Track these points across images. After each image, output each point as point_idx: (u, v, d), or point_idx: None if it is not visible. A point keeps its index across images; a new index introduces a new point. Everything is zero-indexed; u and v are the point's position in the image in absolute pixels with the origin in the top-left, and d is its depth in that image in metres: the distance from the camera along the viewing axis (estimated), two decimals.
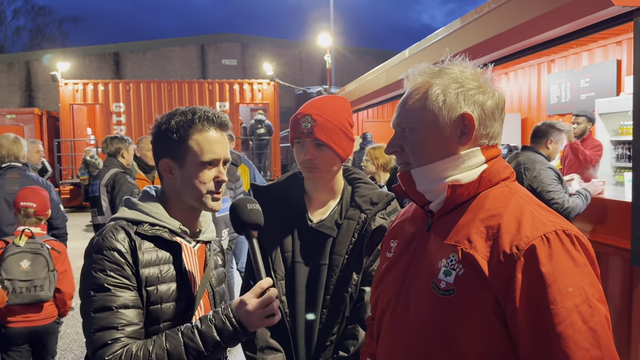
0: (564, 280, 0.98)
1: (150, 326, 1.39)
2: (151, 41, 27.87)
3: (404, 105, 1.23)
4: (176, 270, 1.45)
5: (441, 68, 1.22)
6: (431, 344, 1.10)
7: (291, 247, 1.74)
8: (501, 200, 1.13)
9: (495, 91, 1.20)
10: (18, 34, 47.18)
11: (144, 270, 1.38)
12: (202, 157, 1.44)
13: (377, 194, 1.78)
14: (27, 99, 25.07)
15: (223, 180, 1.48)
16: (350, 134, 1.73)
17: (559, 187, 3.87)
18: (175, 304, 1.43)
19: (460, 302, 1.06)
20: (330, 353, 1.69)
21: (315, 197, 1.80)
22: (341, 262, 1.69)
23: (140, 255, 1.39)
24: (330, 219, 1.76)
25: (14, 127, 16.46)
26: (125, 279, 1.36)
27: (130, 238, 1.40)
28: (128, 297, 1.35)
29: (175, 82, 17.13)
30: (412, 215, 1.34)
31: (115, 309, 1.33)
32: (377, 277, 1.37)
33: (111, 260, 1.36)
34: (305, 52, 28.05)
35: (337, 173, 1.78)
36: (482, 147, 1.18)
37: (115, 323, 1.31)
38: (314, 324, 1.70)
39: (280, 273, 1.72)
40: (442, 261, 1.11)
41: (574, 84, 8.05)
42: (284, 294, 1.72)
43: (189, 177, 1.45)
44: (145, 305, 1.38)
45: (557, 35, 5.75)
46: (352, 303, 1.69)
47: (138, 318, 1.35)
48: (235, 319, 1.34)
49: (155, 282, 1.40)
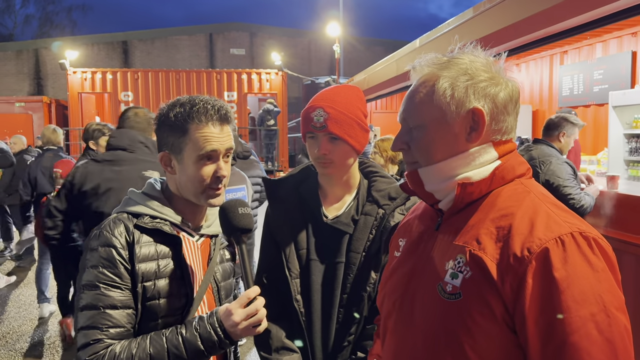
0: (579, 287, 0.91)
1: (149, 322, 1.36)
2: (160, 30, 27.81)
3: (410, 100, 1.15)
4: (176, 264, 1.40)
5: (450, 58, 1.13)
6: (437, 349, 1.04)
7: (306, 244, 1.68)
8: (514, 198, 1.05)
9: (509, 82, 1.11)
10: (27, 22, 47.35)
11: (140, 265, 1.34)
12: (200, 151, 1.39)
13: (395, 188, 1.71)
14: (35, 87, 25.17)
15: (223, 175, 1.42)
16: (365, 125, 1.66)
17: (575, 183, 3.80)
18: (175, 299, 1.38)
19: (466, 307, 0.99)
20: (348, 354, 1.64)
21: (330, 192, 1.73)
22: (358, 260, 1.63)
23: (137, 250, 1.35)
24: (346, 214, 1.69)
25: (23, 115, 16.56)
26: (117, 277, 1.32)
27: (128, 232, 1.37)
28: (117, 296, 1.31)
29: (183, 71, 17.10)
30: (421, 213, 1.27)
31: (102, 308, 1.30)
32: (384, 277, 1.31)
33: (105, 257, 1.33)
34: (314, 41, 27.91)
35: (352, 166, 1.71)
36: (494, 143, 1.10)
37: (99, 324, 1.29)
38: (331, 323, 1.65)
39: (295, 271, 1.67)
40: (450, 263, 1.05)
41: (587, 76, 7.94)
42: (299, 293, 1.66)
43: (187, 171, 1.41)
44: (142, 301, 1.34)
45: (571, 26, 5.65)
46: (370, 302, 1.63)
47: (126, 319, 1.32)
48: (221, 328, 1.31)
49: (153, 277, 1.36)
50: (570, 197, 3.68)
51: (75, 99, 16.42)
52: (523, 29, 6.15)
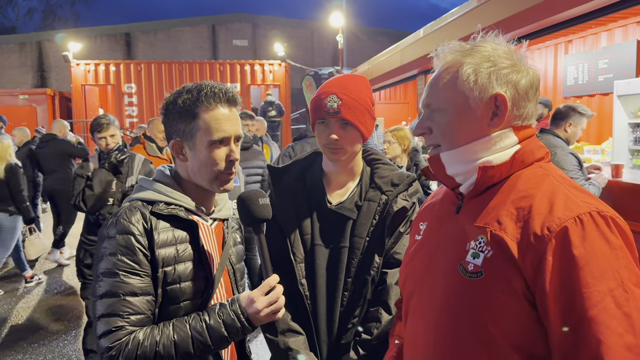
0: (598, 263, 0.94)
1: (170, 305, 1.37)
2: (162, 21, 27.72)
3: (433, 86, 1.18)
4: (194, 249, 1.42)
5: (473, 45, 1.16)
6: (458, 326, 1.08)
7: (310, 229, 1.71)
8: (534, 181, 1.09)
9: (529, 69, 1.15)
10: (30, 14, 47.25)
11: (160, 250, 1.36)
12: (212, 136, 1.39)
13: (398, 175, 1.74)
14: (39, 79, 25.17)
15: (235, 158, 1.43)
16: (373, 113, 1.70)
17: (580, 175, 3.80)
18: (195, 282, 1.40)
19: (488, 285, 1.03)
20: (352, 336, 1.68)
21: (334, 179, 1.76)
22: (362, 245, 1.66)
23: (156, 236, 1.36)
24: (349, 200, 1.72)
25: (27, 108, 16.59)
26: (136, 265, 1.33)
27: (145, 219, 1.37)
28: (137, 284, 1.32)
29: (186, 62, 17.09)
30: (442, 197, 1.30)
31: (123, 295, 1.30)
32: (405, 260, 1.35)
33: (123, 244, 1.33)
34: (317, 32, 27.79)
35: (357, 154, 1.75)
36: (514, 128, 1.14)
37: (120, 311, 1.29)
38: (335, 306, 1.68)
39: (300, 256, 1.70)
40: (471, 243, 1.08)
41: (592, 65, 7.89)
42: (304, 277, 1.69)
43: (200, 157, 1.41)
44: (163, 285, 1.36)
45: (576, 14, 5.61)
46: (374, 286, 1.67)
47: (146, 306, 1.32)
48: (244, 316, 1.34)
49: (173, 262, 1.37)
50: None
51: (79, 91, 16.43)
52: (527, 18, 6.12)
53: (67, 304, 5.56)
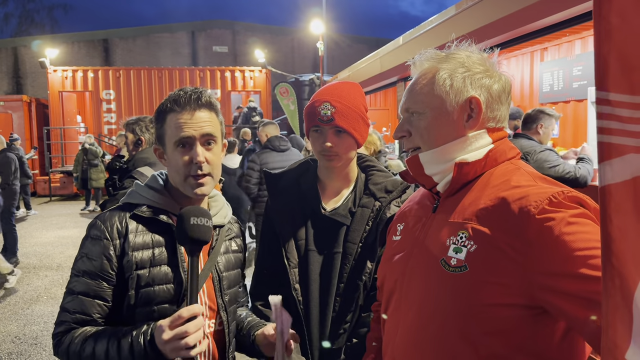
0: (580, 236, 0.96)
1: (144, 307, 1.38)
2: (141, 27, 27.45)
3: (412, 91, 1.25)
4: (171, 253, 1.42)
5: (448, 53, 1.24)
6: (442, 320, 1.10)
7: (304, 235, 1.74)
8: (506, 175, 1.15)
9: (502, 75, 1.23)
10: (6, 20, 46.46)
11: (135, 253, 1.38)
12: (174, 138, 1.41)
13: (392, 181, 1.78)
14: (14, 85, 24.68)
15: (198, 161, 1.39)
16: (366, 119, 1.72)
17: (564, 161, 3.97)
18: (169, 287, 1.40)
19: (474, 278, 1.05)
20: (344, 341, 1.69)
21: (329, 185, 1.79)
22: (355, 251, 1.69)
23: (131, 238, 1.39)
24: (343, 207, 1.75)
25: (2, 115, 16.26)
26: (95, 269, 1.37)
27: (120, 222, 1.40)
28: (92, 286, 1.37)
29: (165, 69, 16.99)
30: (419, 199, 1.35)
31: (77, 294, 1.37)
32: (383, 259, 1.37)
33: (91, 247, 1.39)
34: (298, 39, 27.84)
35: (352, 160, 1.77)
36: (488, 130, 1.21)
37: (70, 308, 1.37)
38: (328, 312, 1.70)
39: (294, 261, 1.72)
40: (451, 239, 1.11)
41: (567, 72, 8.07)
42: (297, 282, 1.72)
43: (170, 160, 1.45)
44: (137, 288, 1.37)
45: (550, 23, 5.74)
46: (366, 291, 1.69)
47: (95, 309, 1.37)
48: (152, 343, 1.27)
49: (148, 265, 1.38)
50: (565, 172, 3.85)
51: (56, 98, 16.21)
52: (504, 27, 6.25)
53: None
